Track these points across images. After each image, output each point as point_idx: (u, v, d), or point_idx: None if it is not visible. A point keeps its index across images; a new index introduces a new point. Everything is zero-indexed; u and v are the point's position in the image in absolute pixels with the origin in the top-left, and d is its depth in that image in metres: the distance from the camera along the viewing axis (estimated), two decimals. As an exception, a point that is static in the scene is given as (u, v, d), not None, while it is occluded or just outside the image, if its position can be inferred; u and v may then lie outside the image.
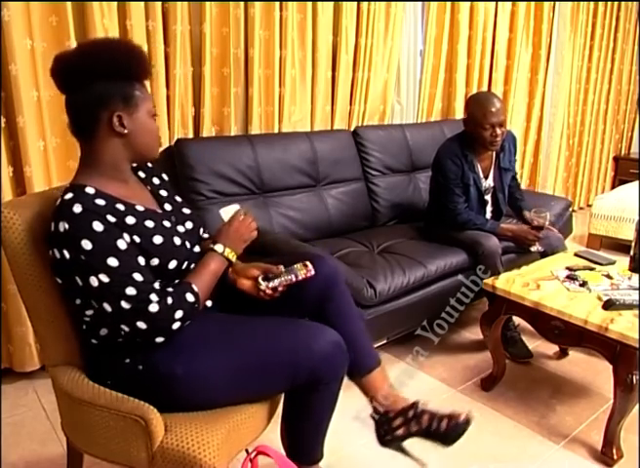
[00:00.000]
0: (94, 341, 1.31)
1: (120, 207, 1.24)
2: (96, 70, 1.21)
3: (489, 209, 2.67)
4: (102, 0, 2.11)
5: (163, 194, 1.44)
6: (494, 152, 2.55)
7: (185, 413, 1.27)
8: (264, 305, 1.44)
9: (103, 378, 1.30)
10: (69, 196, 1.19)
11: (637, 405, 1.78)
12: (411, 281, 2.29)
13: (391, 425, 1.50)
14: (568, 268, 2.17)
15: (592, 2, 4.41)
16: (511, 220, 2.83)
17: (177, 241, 1.31)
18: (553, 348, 2.50)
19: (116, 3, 2.18)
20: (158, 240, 1.26)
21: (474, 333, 2.65)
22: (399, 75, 3.39)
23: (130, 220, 1.23)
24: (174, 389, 1.26)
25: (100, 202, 1.21)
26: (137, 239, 1.23)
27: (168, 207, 1.41)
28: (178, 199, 1.47)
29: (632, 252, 2.18)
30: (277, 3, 2.64)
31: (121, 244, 1.19)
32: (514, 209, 2.76)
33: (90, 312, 1.27)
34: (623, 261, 2.25)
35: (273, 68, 2.72)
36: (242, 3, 2.57)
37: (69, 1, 2.04)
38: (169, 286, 1.27)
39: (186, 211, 1.45)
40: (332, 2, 2.88)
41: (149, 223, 1.27)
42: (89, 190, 1.21)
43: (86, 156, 1.28)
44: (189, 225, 1.41)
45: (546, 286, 2.05)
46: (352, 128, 3.09)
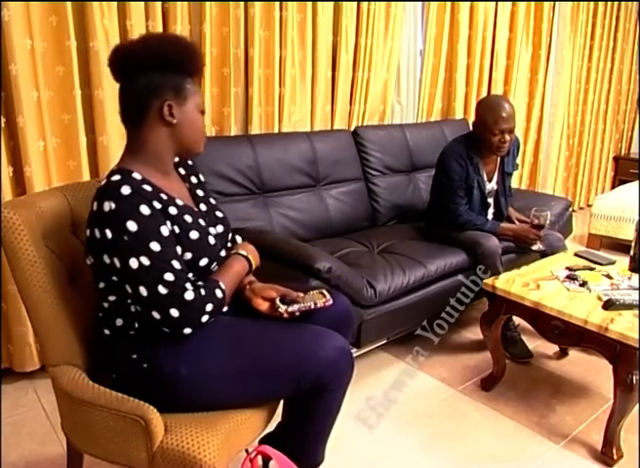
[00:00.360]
0: (106, 332, 1.32)
1: (163, 196, 1.27)
2: (151, 62, 1.25)
3: (490, 211, 2.67)
4: (102, 0, 2.11)
5: (200, 194, 1.47)
6: (498, 156, 2.55)
7: (186, 414, 1.27)
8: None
9: (108, 372, 1.32)
10: (117, 178, 1.21)
11: (637, 405, 1.78)
12: (411, 281, 2.29)
13: None
14: (568, 268, 2.18)
15: (592, 2, 4.41)
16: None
17: (211, 240, 1.35)
18: (553, 348, 2.50)
19: (116, 3, 2.18)
20: (194, 235, 1.29)
21: (474, 333, 2.65)
22: (399, 75, 3.39)
23: (172, 211, 1.27)
24: (177, 389, 1.26)
25: (147, 187, 1.24)
26: (176, 229, 1.26)
27: (203, 207, 1.44)
28: (212, 201, 1.49)
29: (632, 252, 2.19)
30: (277, 3, 2.64)
31: (164, 230, 1.22)
32: None
33: (112, 298, 1.29)
34: (623, 261, 2.25)
35: (273, 68, 2.72)
36: (242, 3, 2.57)
37: (69, 1, 2.04)
38: (197, 280, 1.29)
39: (219, 214, 1.48)
40: (332, 2, 2.89)
41: (188, 218, 1.31)
42: (136, 175, 1.24)
43: (132, 144, 1.31)
44: (220, 229, 1.44)
45: (546, 286, 2.05)
46: (352, 128, 3.09)
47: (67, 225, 1.44)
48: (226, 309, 1.42)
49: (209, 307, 1.25)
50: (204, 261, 1.32)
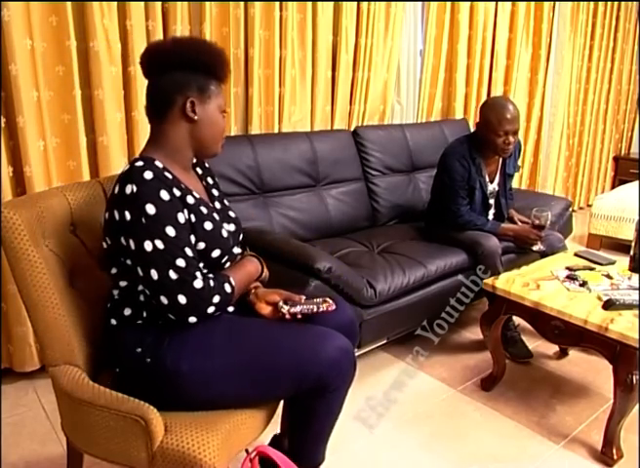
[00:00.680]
0: (113, 322, 1.34)
1: (182, 186, 1.31)
2: (180, 61, 1.31)
3: (491, 212, 2.67)
4: (102, 0, 2.11)
5: (215, 193, 1.51)
6: (501, 157, 2.55)
7: (186, 413, 1.27)
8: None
9: (112, 366, 1.35)
10: (140, 163, 1.25)
11: (637, 405, 1.78)
12: (411, 281, 2.29)
13: None
14: (568, 268, 2.18)
15: (592, 2, 4.41)
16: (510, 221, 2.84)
17: (224, 233, 1.38)
18: (553, 348, 2.50)
19: (116, 3, 2.17)
20: (208, 226, 1.33)
21: (474, 333, 2.65)
22: (399, 75, 3.39)
23: (190, 200, 1.31)
24: (179, 385, 1.26)
25: (169, 175, 1.29)
26: (192, 218, 1.30)
27: (218, 205, 1.48)
28: (226, 202, 1.53)
29: (632, 252, 2.19)
30: (277, 3, 2.64)
31: (180, 217, 1.26)
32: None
33: (124, 283, 1.32)
34: (623, 261, 2.25)
35: (273, 68, 2.72)
36: (242, 3, 2.57)
37: (69, 1, 2.04)
38: (208, 273, 1.32)
39: (232, 214, 1.51)
40: (332, 2, 2.89)
41: (203, 209, 1.34)
42: (158, 164, 1.28)
43: (155, 137, 1.36)
44: (232, 227, 1.46)
45: (546, 286, 2.05)
46: (352, 128, 3.09)
47: (67, 225, 1.44)
48: (232, 309, 1.43)
49: (216, 299, 1.26)
50: (216, 253, 1.34)
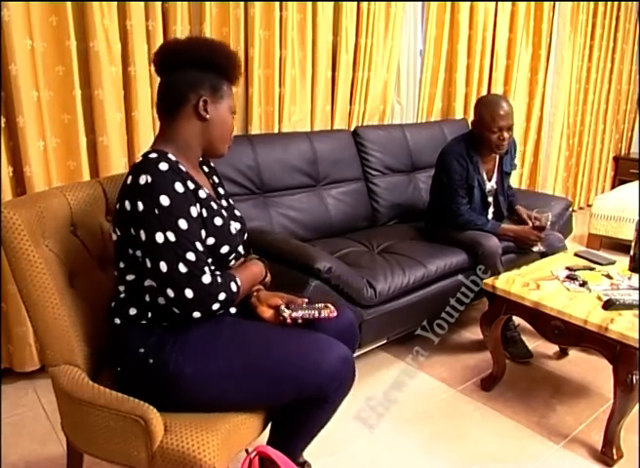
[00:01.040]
0: (117, 321, 1.33)
1: (195, 180, 1.31)
2: (195, 60, 1.32)
3: (491, 210, 2.67)
4: (102, 0, 2.11)
5: (221, 192, 1.52)
6: (498, 155, 2.55)
7: (186, 414, 1.27)
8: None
9: (114, 365, 1.34)
10: (154, 155, 1.26)
11: (637, 405, 1.78)
12: (411, 281, 2.29)
13: None
14: (568, 268, 2.18)
15: (592, 2, 4.41)
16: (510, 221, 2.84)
17: (232, 230, 1.38)
18: (553, 348, 2.50)
19: (116, 3, 2.17)
20: (218, 221, 1.33)
21: (474, 333, 2.65)
22: (399, 75, 3.39)
23: (202, 194, 1.31)
24: (180, 387, 1.26)
25: (182, 168, 1.29)
26: (204, 213, 1.30)
27: (224, 203, 1.49)
28: (231, 201, 1.53)
29: (632, 252, 2.19)
30: (277, 3, 2.64)
31: (193, 211, 1.26)
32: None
33: (131, 277, 1.32)
34: (623, 261, 2.25)
35: (273, 68, 2.72)
36: (242, 3, 2.57)
37: (69, 1, 2.04)
38: (216, 270, 1.32)
39: (237, 213, 1.51)
40: (332, 2, 2.88)
41: (214, 205, 1.35)
42: (171, 157, 1.28)
43: (165, 133, 1.36)
44: (238, 226, 1.46)
45: (546, 286, 2.05)
46: (352, 128, 3.09)
47: (67, 225, 1.44)
48: (234, 311, 1.43)
49: (222, 296, 1.26)
50: (225, 249, 1.34)
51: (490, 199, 2.63)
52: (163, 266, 1.21)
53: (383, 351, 2.49)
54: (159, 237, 1.20)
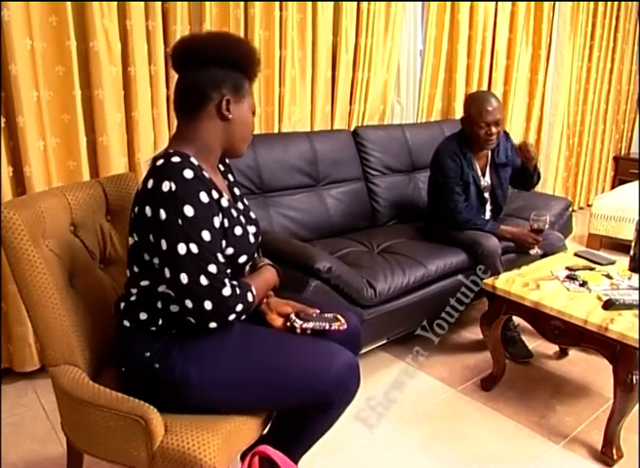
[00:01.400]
0: (126, 324, 1.32)
1: (217, 187, 1.28)
2: (218, 57, 1.27)
3: (488, 207, 2.67)
4: (102, 0, 2.11)
5: (236, 192, 1.48)
6: (487, 150, 2.56)
7: (186, 414, 1.27)
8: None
9: (118, 365, 1.33)
10: (177, 159, 1.21)
11: (637, 405, 1.78)
12: (411, 281, 2.29)
13: None
14: (568, 268, 2.17)
15: (592, 2, 4.41)
16: (510, 221, 2.84)
17: (251, 239, 1.36)
18: (553, 348, 2.50)
19: (116, 3, 2.18)
20: (238, 231, 1.31)
21: (474, 333, 2.65)
22: (399, 75, 3.39)
23: (224, 203, 1.28)
24: (185, 393, 1.26)
25: (206, 175, 1.25)
26: (226, 223, 1.27)
27: (240, 205, 1.45)
28: (245, 201, 1.50)
29: (632, 252, 2.18)
30: (277, 3, 2.64)
31: (216, 221, 1.23)
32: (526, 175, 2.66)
33: (145, 283, 1.29)
34: (623, 261, 2.25)
35: (273, 68, 2.72)
36: (242, 3, 2.57)
37: (69, 1, 2.04)
38: (233, 280, 1.29)
39: (252, 215, 1.48)
40: (332, 2, 2.88)
41: (234, 212, 1.32)
42: (193, 161, 1.24)
43: (184, 133, 1.31)
44: (253, 229, 1.43)
45: (546, 286, 2.05)
46: (352, 128, 3.09)
47: (67, 225, 1.44)
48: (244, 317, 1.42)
49: (239, 307, 1.24)
50: (243, 258, 1.33)
51: (486, 195, 2.63)
52: (184, 278, 1.17)
53: (383, 351, 2.49)
54: (181, 248, 1.17)
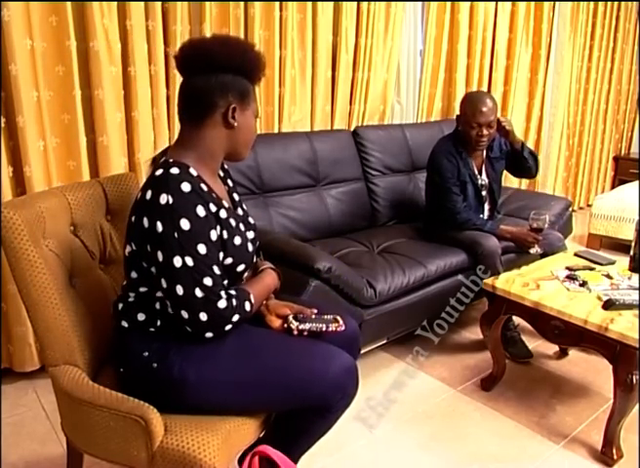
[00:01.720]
0: (124, 324, 1.32)
1: (215, 197, 1.28)
2: (226, 62, 1.26)
3: (486, 206, 2.67)
4: (102, 0, 2.11)
5: (235, 197, 1.48)
6: (478, 150, 2.55)
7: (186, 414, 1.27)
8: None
9: (116, 366, 1.33)
10: (176, 171, 1.21)
11: (637, 405, 1.78)
12: (411, 281, 2.29)
13: None
14: (568, 268, 2.17)
15: (592, 2, 4.41)
16: (510, 221, 2.84)
17: (250, 247, 1.36)
18: (553, 348, 2.50)
19: (116, 3, 2.17)
20: (238, 241, 1.31)
21: (474, 333, 2.65)
22: (399, 75, 3.39)
23: (222, 214, 1.28)
24: (183, 393, 1.26)
25: (204, 187, 1.24)
26: (225, 234, 1.27)
27: (240, 211, 1.45)
28: (244, 206, 1.50)
29: (632, 252, 2.19)
30: (277, 3, 2.64)
31: (213, 234, 1.23)
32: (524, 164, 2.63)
33: (143, 289, 1.29)
34: (623, 261, 2.25)
35: (273, 68, 2.72)
36: (242, 3, 2.57)
37: (69, 1, 2.04)
38: (230, 288, 1.29)
39: (251, 220, 1.48)
40: (332, 2, 2.88)
41: (232, 221, 1.31)
42: (192, 172, 1.24)
43: (186, 139, 1.30)
44: (252, 235, 1.43)
45: (546, 286, 2.05)
46: (352, 128, 3.09)
47: (67, 225, 1.44)
48: None
49: (235, 318, 1.25)
50: (241, 267, 1.33)
51: (484, 193, 2.63)
52: (179, 289, 1.19)
53: (383, 351, 2.49)
54: (177, 261, 1.17)
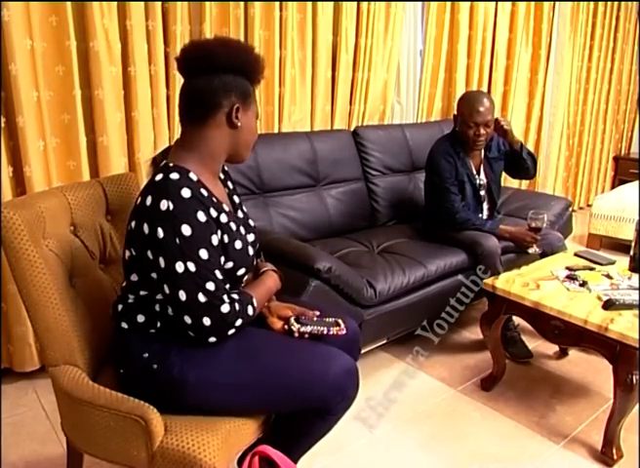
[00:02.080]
0: (124, 325, 1.32)
1: (215, 201, 1.28)
2: (228, 64, 1.26)
3: (485, 206, 2.67)
4: (102, 0, 2.11)
5: (236, 200, 1.48)
6: (476, 150, 2.55)
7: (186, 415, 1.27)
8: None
9: (116, 367, 1.33)
10: (176, 176, 1.21)
11: (637, 405, 1.78)
12: (411, 281, 2.29)
13: None
14: (568, 268, 2.17)
15: (592, 2, 4.41)
16: (510, 221, 2.84)
17: (250, 251, 1.36)
18: (553, 348, 2.50)
19: (116, 3, 2.17)
20: (238, 245, 1.31)
21: (474, 333, 2.65)
22: (399, 75, 3.39)
23: (223, 218, 1.28)
24: (183, 394, 1.26)
25: (204, 192, 1.25)
26: (225, 238, 1.27)
27: (240, 214, 1.44)
28: (244, 208, 1.49)
29: (632, 252, 2.19)
30: (277, 3, 2.64)
31: (214, 239, 1.23)
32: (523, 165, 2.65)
33: (143, 292, 1.29)
34: (623, 261, 2.25)
35: (273, 68, 2.72)
36: (242, 3, 2.57)
37: (69, 1, 2.04)
38: (233, 292, 1.29)
39: (251, 223, 1.48)
40: (332, 2, 2.88)
41: (233, 225, 1.31)
42: (192, 176, 1.24)
43: (188, 141, 1.30)
44: (252, 237, 1.42)
45: (546, 286, 2.05)
46: (352, 128, 3.09)
47: (67, 225, 1.44)
48: None
49: (238, 322, 1.25)
50: (241, 271, 1.34)
51: (482, 193, 2.63)
52: (182, 295, 1.19)
53: (383, 351, 2.49)
54: (179, 266, 1.18)
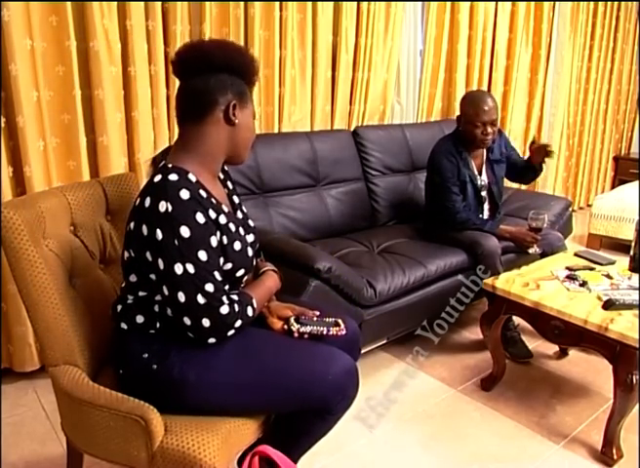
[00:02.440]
0: (123, 326, 1.32)
1: (214, 202, 1.28)
2: (224, 64, 1.28)
3: (486, 206, 2.67)
4: (102, 0, 2.11)
5: (235, 200, 1.48)
6: (483, 149, 2.57)
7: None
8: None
9: (116, 367, 1.33)
10: (175, 178, 1.21)
11: (637, 405, 1.78)
12: (411, 281, 2.29)
13: None
14: (568, 268, 2.17)
15: (592, 2, 4.41)
16: (510, 221, 2.84)
17: (249, 252, 1.36)
18: (553, 348, 2.50)
19: (116, 3, 2.18)
20: (237, 246, 1.31)
21: (474, 333, 2.65)
22: (399, 75, 3.39)
23: (222, 219, 1.28)
24: (183, 394, 1.26)
25: (203, 194, 1.25)
26: (224, 240, 1.27)
27: (239, 214, 1.44)
28: (244, 209, 1.50)
29: (632, 252, 2.19)
30: (277, 3, 2.65)
31: (213, 241, 1.24)
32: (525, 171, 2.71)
33: (142, 293, 1.29)
34: (623, 261, 2.25)
35: (273, 68, 2.72)
36: (242, 3, 2.57)
37: (69, 1, 2.04)
38: (232, 293, 1.29)
39: (251, 223, 1.48)
40: (332, 2, 2.89)
41: (232, 226, 1.31)
42: (191, 177, 1.24)
43: (187, 141, 1.30)
44: (251, 238, 1.43)
45: (546, 286, 2.05)
46: (352, 128, 3.09)
47: (67, 225, 1.44)
48: None
49: (238, 323, 1.25)
50: (240, 272, 1.33)
51: (484, 193, 2.63)
52: (181, 296, 1.19)
53: (383, 351, 2.49)
54: (178, 268, 1.18)
